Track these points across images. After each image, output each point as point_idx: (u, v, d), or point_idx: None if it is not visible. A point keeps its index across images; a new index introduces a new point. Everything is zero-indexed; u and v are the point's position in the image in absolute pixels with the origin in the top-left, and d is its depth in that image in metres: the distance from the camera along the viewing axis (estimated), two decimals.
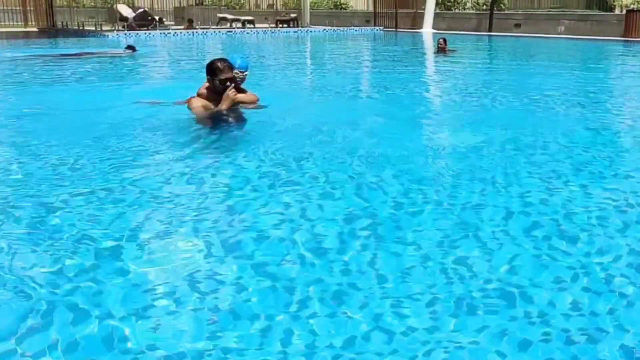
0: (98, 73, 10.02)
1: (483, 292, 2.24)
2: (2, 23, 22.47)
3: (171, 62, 13.16)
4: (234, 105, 4.99)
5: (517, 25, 22.42)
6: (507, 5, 24.99)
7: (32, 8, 23.16)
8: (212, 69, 4.86)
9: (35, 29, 22.00)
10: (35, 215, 2.97)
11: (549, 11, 23.20)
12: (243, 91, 5.25)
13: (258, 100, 5.42)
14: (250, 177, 3.63)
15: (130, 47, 13.33)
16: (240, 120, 5.03)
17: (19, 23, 22.80)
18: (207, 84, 5.02)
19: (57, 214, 3.00)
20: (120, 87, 8.27)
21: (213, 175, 3.68)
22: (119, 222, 2.87)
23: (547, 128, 5.17)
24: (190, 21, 22.93)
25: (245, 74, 5.34)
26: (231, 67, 4.92)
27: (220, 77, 4.81)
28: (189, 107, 5.03)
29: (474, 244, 2.67)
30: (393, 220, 2.96)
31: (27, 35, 20.27)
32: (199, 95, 5.07)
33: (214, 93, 4.92)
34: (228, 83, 4.83)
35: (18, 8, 23.47)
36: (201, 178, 3.60)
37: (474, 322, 2.04)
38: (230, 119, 4.94)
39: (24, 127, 5.23)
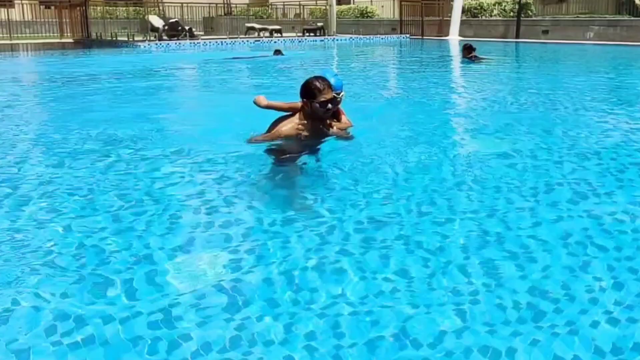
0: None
1: (513, 301, 2.31)
2: (39, 35, 23.24)
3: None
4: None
5: (545, 32, 22.36)
6: (534, 12, 24.92)
7: (67, 20, 23.86)
8: (309, 90, 4.17)
9: (70, 40, 22.66)
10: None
11: (577, 17, 23.06)
12: (338, 116, 4.61)
13: (350, 127, 4.73)
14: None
15: (278, 51, 15.43)
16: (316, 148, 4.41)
17: (55, 34, 23.52)
18: (300, 104, 4.32)
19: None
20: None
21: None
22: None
23: (580, 134, 5.26)
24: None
25: (342, 94, 4.56)
26: (331, 87, 4.22)
27: (320, 99, 4.15)
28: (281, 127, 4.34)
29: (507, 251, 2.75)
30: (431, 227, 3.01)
31: (63, 46, 20.93)
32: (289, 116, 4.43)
33: (310, 117, 4.25)
34: (329, 105, 4.19)
35: (54, 20, 24.24)
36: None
37: (505, 330, 2.13)
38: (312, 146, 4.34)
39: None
